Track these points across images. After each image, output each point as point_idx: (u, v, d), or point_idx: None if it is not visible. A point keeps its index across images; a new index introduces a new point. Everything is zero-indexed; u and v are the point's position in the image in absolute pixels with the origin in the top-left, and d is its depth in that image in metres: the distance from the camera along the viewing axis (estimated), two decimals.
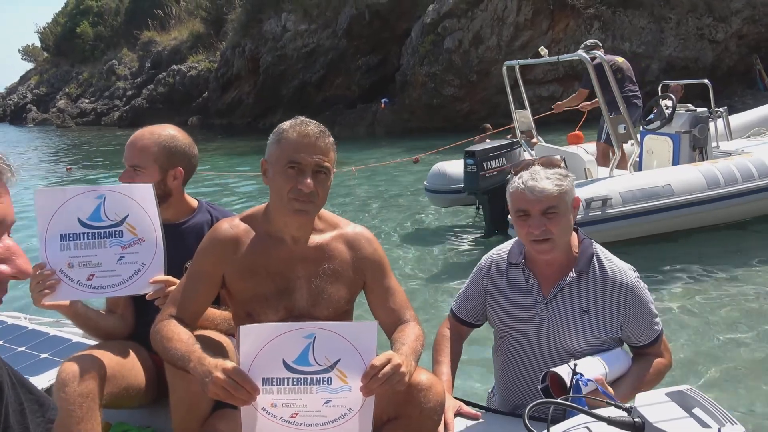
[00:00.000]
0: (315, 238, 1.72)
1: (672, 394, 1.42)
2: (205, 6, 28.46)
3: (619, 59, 6.77)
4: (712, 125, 6.53)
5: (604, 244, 1.90)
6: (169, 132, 2.05)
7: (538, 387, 1.69)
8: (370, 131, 18.40)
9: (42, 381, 2.05)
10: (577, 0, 15.86)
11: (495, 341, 2.00)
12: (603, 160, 6.67)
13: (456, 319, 2.02)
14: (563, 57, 6.47)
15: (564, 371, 1.64)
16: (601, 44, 6.78)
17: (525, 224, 1.74)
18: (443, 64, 16.58)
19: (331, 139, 1.65)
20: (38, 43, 46.86)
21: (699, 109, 6.56)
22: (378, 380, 1.40)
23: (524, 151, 6.90)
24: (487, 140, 9.36)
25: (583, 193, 5.15)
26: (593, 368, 1.68)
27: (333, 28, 20.30)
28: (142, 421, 2.01)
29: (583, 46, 6.79)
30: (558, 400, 1.44)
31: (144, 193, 1.84)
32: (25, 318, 2.69)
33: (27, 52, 49.65)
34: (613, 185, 5.42)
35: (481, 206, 6.92)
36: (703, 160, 6.20)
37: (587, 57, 5.82)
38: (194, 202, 2.13)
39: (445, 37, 16.64)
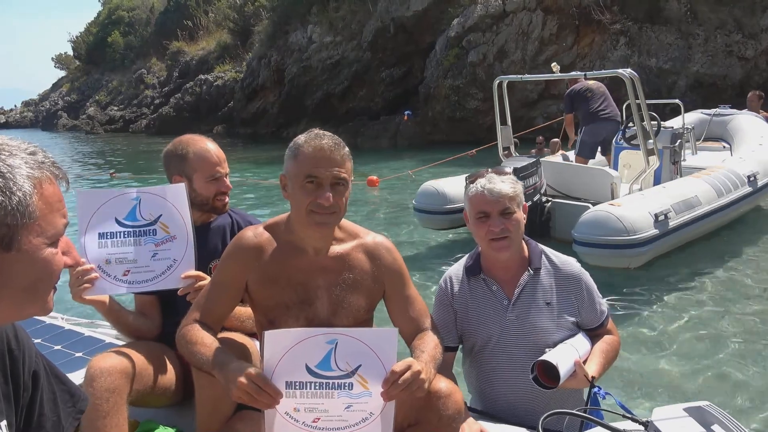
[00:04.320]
0: (335, 248, 1.73)
1: (690, 409, 1.42)
2: (233, 17, 28.97)
3: (590, 82, 7.29)
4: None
5: (663, 256, 1.98)
6: None
7: (530, 377, 1.79)
8: (392, 143, 18.47)
9: (75, 378, 2.09)
10: (604, 15, 15.79)
11: (466, 355, 2.06)
12: None
13: None
14: (591, 73, 6.67)
15: (550, 357, 1.74)
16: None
17: (485, 225, 1.88)
18: (467, 78, 16.61)
19: (347, 149, 1.65)
20: (71, 52, 48.11)
21: (675, 127, 7.17)
22: (398, 386, 1.43)
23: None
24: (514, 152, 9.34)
25: (645, 208, 5.20)
26: (568, 354, 1.80)
27: (358, 41, 20.49)
28: (169, 420, 2.05)
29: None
30: (572, 411, 1.47)
31: (177, 194, 1.94)
32: (62, 318, 2.78)
33: (60, 61, 50.99)
34: (665, 199, 5.48)
35: None
36: (678, 173, 6.71)
37: (625, 73, 5.83)
38: None
39: (469, 50, 16.68)
